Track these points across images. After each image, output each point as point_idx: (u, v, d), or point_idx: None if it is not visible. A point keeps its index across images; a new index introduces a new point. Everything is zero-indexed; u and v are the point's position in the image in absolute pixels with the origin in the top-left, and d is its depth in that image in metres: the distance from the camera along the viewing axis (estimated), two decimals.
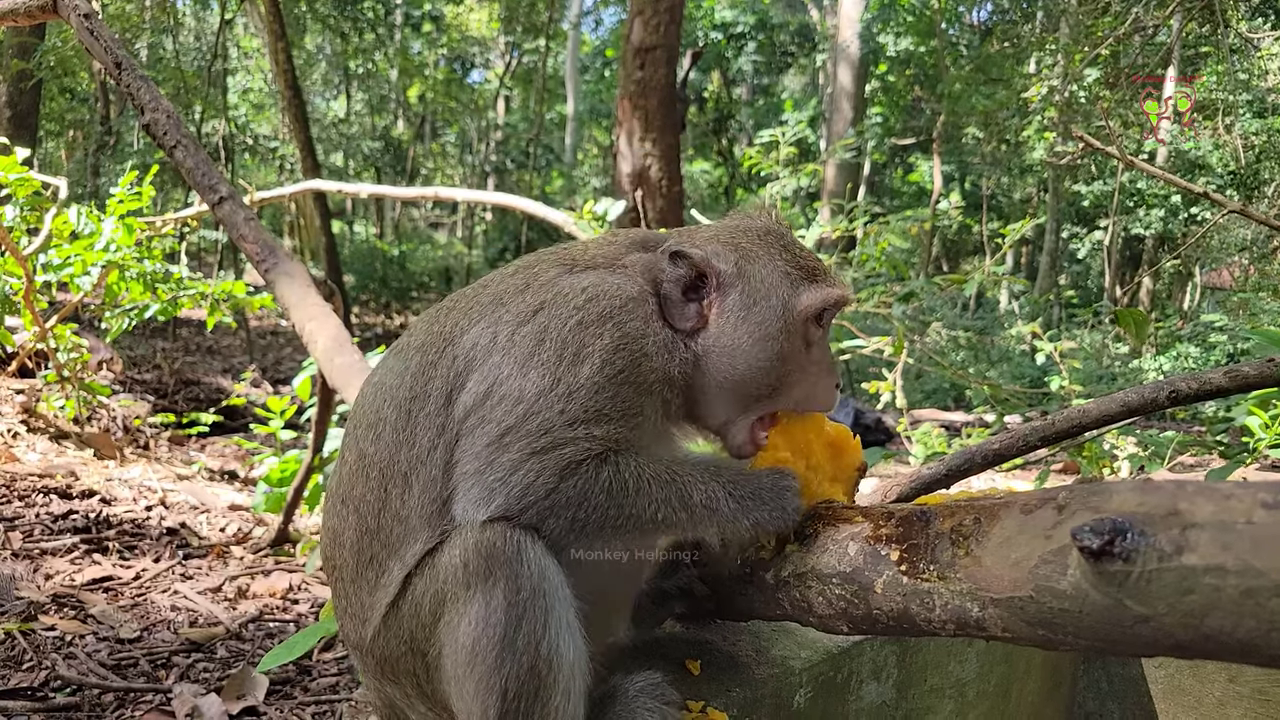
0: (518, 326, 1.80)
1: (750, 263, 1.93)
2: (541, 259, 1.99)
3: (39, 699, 3.21)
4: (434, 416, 1.79)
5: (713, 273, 1.91)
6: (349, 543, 1.84)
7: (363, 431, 1.88)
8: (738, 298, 1.91)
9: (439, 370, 1.83)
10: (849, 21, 30.36)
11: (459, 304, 1.95)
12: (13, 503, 5.24)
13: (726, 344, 1.90)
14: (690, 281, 1.91)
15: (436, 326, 1.91)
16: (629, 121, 14.13)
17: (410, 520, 1.76)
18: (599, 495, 1.70)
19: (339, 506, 1.89)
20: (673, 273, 1.90)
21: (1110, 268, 24.55)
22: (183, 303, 7.27)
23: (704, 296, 1.91)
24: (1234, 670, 2.84)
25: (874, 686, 2.32)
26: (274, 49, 18.64)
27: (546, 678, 1.61)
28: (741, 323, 1.90)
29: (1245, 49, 15.33)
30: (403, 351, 1.93)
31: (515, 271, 1.97)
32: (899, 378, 8.31)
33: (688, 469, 1.78)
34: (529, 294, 1.86)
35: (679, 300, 1.90)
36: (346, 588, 1.87)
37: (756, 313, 1.90)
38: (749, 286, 1.92)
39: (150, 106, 4.31)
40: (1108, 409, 2.91)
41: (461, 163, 41.63)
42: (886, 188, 37.72)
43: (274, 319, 20.54)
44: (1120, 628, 1.25)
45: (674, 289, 1.90)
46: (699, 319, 1.91)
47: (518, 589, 1.61)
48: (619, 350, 1.77)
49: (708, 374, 1.91)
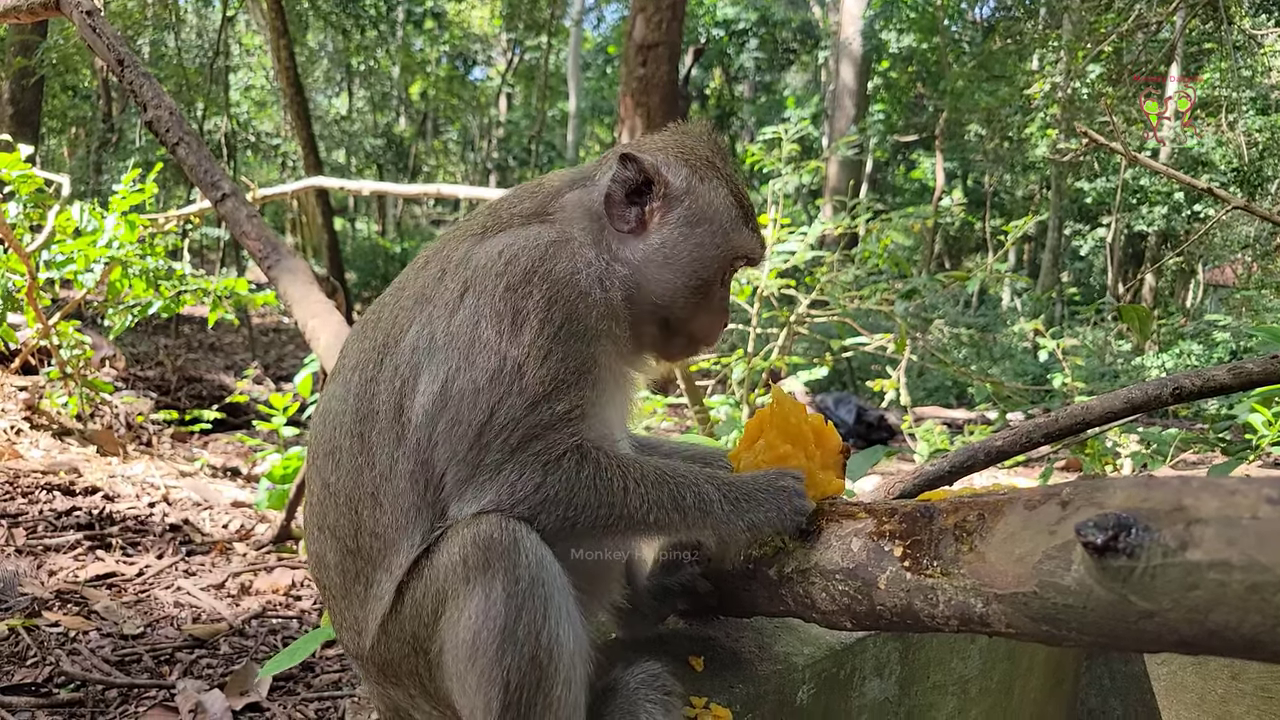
0: (450, 317, 1.78)
1: (700, 181, 1.95)
2: (448, 240, 1.96)
3: (43, 695, 3.21)
4: (386, 432, 1.78)
5: (661, 181, 1.93)
6: (332, 564, 1.86)
7: (322, 462, 1.88)
8: (683, 212, 1.93)
9: (381, 385, 1.81)
10: (851, 18, 30.33)
11: (383, 314, 1.92)
12: (16, 499, 5.25)
13: (667, 253, 1.92)
14: (636, 185, 1.92)
15: (366, 343, 1.90)
16: (631, 118, 14.13)
17: (387, 535, 1.76)
18: (585, 492, 1.69)
19: (317, 533, 1.90)
20: (620, 174, 1.92)
21: (1113, 265, 24.53)
22: (185, 300, 7.26)
23: (648, 203, 1.93)
24: (1237, 667, 2.84)
25: (877, 683, 2.32)
26: (276, 46, 18.63)
27: (548, 667, 1.61)
28: (683, 238, 1.92)
29: (1249, 46, 15.30)
30: (341, 374, 1.92)
31: (427, 263, 1.93)
32: (902, 375, 8.30)
33: (681, 471, 1.77)
34: (448, 279, 1.83)
35: (622, 201, 1.92)
36: (338, 604, 1.88)
37: (699, 232, 1.94)
38: (696, 204, 1.94)
39: (153, 103, 4.32)
40: (1111, 406, 2.91)
41: (463, 160, 41.66)
42: (889, 185, 37.71)
43: (276, 316, 20.55)
44: (1124, 623, 1.25)
45: (619, 190, 1.92)
46: (638, 224, 1.92)
47: (516, 579, 1.61)
48: (553, 302, 1.75)
49: (643, 287, 1.91)
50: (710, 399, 7.70)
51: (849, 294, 8.54)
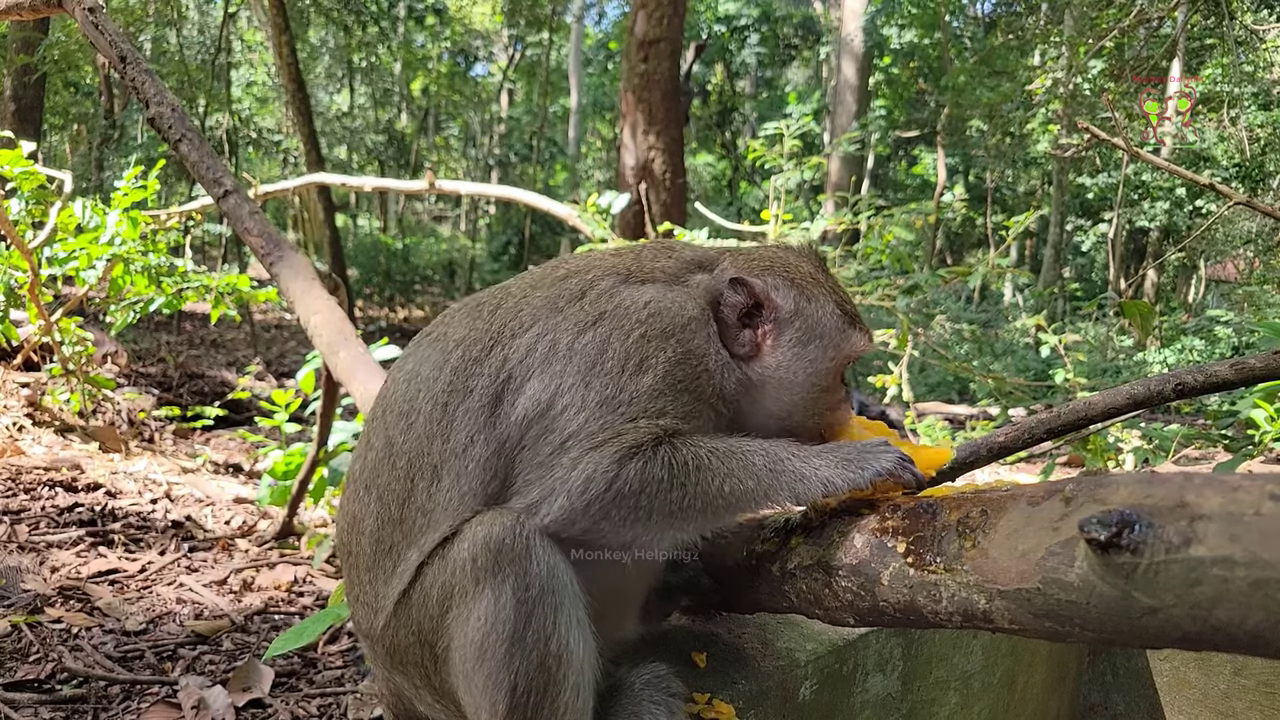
0: (578, 335, 1.79)
1: (808, 301, 1.97)
2: (593, 266, 1.97)
3: (46, 691, 3.22)
4: (475, 413, 1.77)
5: (771, 305, 1.95)
6: (368, 530, 1.83)
7: (393, 419, 1.86)
8: (794, 334, 1.95)
9: (485, 368, 1.80)
10: (852, 14, 30.30)
11: (505, 302, 1.92)
12: (18, 496, 5.25)
13: (783, 376, 1.94)
14: (747, 309, 1.94)
15: (481, 324, 1.88)
16: (633, 115, 14.12)
17: (434, 513, 1.75)
18: (660, 472, 1.67)
19: (361, 492, 1.87)
20: (731, 298, 1.93)
21: (1114, 260, 24.50)
22: (187, 296, 7.27)
23: (759, 325, 1.94)
24: (1240, 663, 2.84)
25: (879, 679, 2.32)
26: (278, 42, 18.63)
27: (556, 674, 1.62)
28: (797, 359, 1.94)
29: (1250, 41, 15.27)
30: (440, 343, 1.90)
31: (567, 276, 1.94)
32: (904, 371, 8.29)
33: (745, 441, 1.77)
34: (586, 303, 1.85)
35: (735, 325, 1.93)
36: (361, 574, 1.85)
37: (812, 349, 1.95)
38: (806, 324, 1.96)
39: (155, 100, 4.31)
40: (1113, 402, 2.90)
41: (465, 156, 41.63)
42: (890, 180, 37.69)
43: (278, 312, 20.54)
44: (1128, 619, 1.25)
45: (731, 314, 1.93)
46: (753, 346, 1.94)
47: (527, 586, 1.61)
48: (681, 363, 1.78)
49: (758, 401, 1.94)
50: None
51: (851, 290, 8.52)
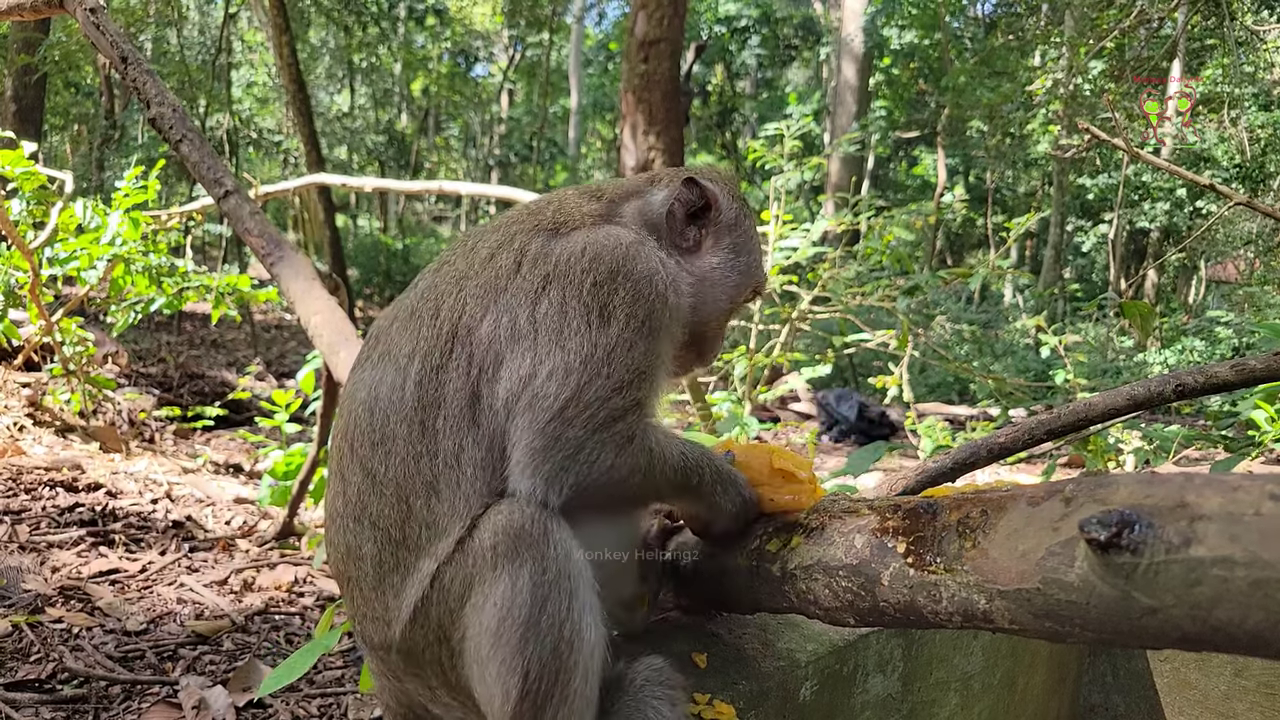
0: (534, 306, 1.79)
1: (745, 218, 2.17)
2: (514, 233, 1.93)
3: (46, 691, 3.22)
4: (457, 419, 1.75)
5: (718, 208, 2.11)
6: (369, 556, 1.79)
7: (367, 451, 1.80)
8: (732, 240, 2.13)
9: (452, 373, 1.77)
10: (853, 15, 30.29)
11: (444, 301, 1.86)
12: (19, 496, 5.26)
13: (716, 278, 2.10)
14: (697, 209, 2.08)
15: (428, 330, 1.83)
16: (633, 115, 14.12)
17: (440, 523, 1.73)
18: (643, 460, 1.78)
19: (351, 524, 1.82)
20: (685, 195, 2.07)
21: (1115, 261, 24.50)
22: (188, 296, 7.26)
23: (704, 226, 2.10)
24: (1240, 664, 2.84)
25: (880, 679, 2.32)
26: (278, 43, 18.62)
27: (568, 659, 1.62)
28: (730, 263, 2.12)
29: (1251, 42, 15.28)
30: (389, 361, 1.85)
31: (493, 255, 1.89)
32: (904, 371, 8.29)
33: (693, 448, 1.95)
34: (525, 271, 1.84)
35: (683, 221, 2.08)
36: (367, 594, 1.82)
37: (742, 261, 2.13)
38: (743, 235, 2.15)
39: (156, 100, 4.31)
40: (1113, 402, 2.91)
41: (465, 156, 41.64)
42: (890, 181, 37.70)
43: (278, 313, 20.54)
44: (1128, 620, 1.25)
45: (681, 209, 2.08)
46: (695, 243, 2.09)
47: (544, 570, 1.61)
48: (637, 299, 1.81)
49: (697, 298, 2.07)
50: (712, 395, 7.70)
51: (851, 290, 8.53)
